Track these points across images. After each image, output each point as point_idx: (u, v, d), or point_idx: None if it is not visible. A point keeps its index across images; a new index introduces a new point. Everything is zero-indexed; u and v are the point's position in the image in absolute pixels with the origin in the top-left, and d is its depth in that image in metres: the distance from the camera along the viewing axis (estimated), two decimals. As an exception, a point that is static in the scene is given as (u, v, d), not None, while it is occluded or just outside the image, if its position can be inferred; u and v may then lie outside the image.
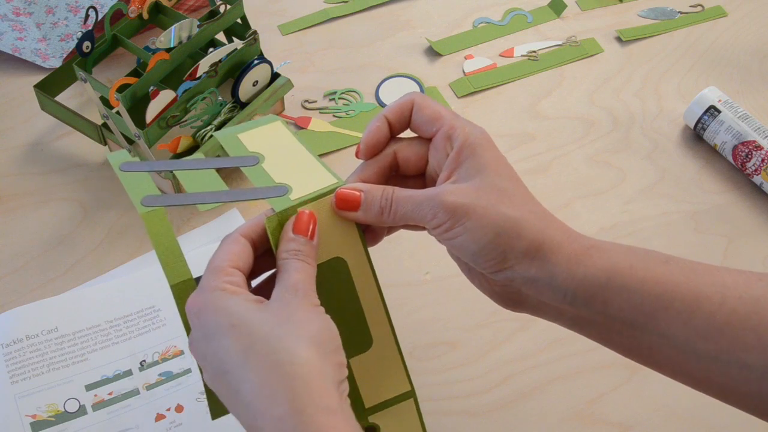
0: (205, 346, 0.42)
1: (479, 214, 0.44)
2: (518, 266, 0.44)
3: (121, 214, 0.74)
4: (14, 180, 0.77)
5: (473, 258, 0.45)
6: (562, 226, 0.46)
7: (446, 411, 0.62)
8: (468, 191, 0.44)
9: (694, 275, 0.43)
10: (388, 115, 0.49)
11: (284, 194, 0.46)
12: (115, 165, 0.47)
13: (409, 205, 0.46)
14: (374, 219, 0.46)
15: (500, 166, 0.46)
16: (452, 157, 0.46)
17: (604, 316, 0.44)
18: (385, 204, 0.46)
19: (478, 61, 0.89)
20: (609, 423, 0.62)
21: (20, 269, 0.71)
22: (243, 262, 0.44)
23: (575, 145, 0.81)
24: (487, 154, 0.46)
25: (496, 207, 0.44)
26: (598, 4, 0.95)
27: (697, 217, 0.75)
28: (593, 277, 0.44)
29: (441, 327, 0.67)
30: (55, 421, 0.60)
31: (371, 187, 0.47)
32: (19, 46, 0.86)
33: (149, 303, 0.67)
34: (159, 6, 0.77)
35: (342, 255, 0.47)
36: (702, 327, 0.42)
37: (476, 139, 0.46)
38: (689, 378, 0.45)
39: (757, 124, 0.76)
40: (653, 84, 0.87)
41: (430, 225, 0.45)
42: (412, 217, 0.46)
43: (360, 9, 0.94)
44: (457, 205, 0.44)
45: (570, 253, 0.44)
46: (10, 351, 0.64)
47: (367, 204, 0.46)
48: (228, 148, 0.50)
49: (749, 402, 0.43)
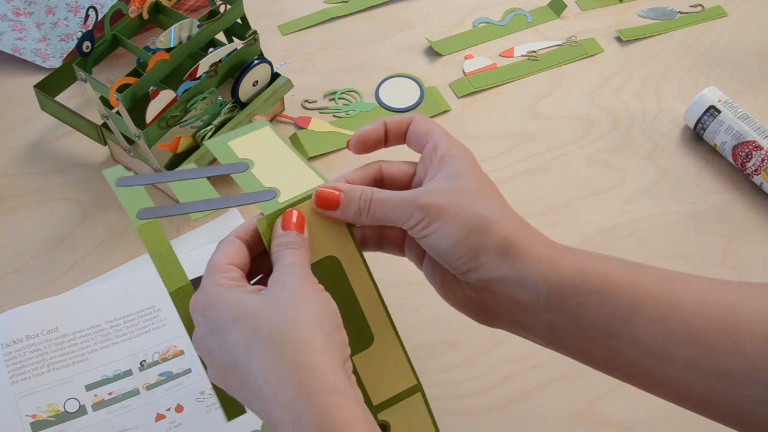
0: (210, 341, 0.43)
1: (452, 213, 0.45)
2: (490, 264, 0.45)
3: (121, 214, 0.74)
4: (14, 180, 0.77)
5: (446, 255, 0.45)
6: (535, 231, 0.46)
7: (446, 411, 0.62)
8: (444, 192, 0.46)
9: (668, 281, 0.43)
10: (388, 121, 0.51)
11: (272, 198, 0.48)
12: (111, 181, 0.49)
13: (387, 206, 0.47)
14: (352, 219, 0.47)
15: (478, 173, 0.47)
16: (434, 165, 0.48)
17: (578, 322, 0.44)
18: (364, 205, 0.47)
19: (478, 61, 0.89)
20: (609, 423, 0.62)
21: (20, 269, 0.71)
22: (239, 260, 0.46)
23: (575, 145, 0.81)
24: (465, 163, 0.47)
25: (469, 206, 0.45)
26: (598, 4, 0.95)
27: (697, 217, 0.75)
28: (567, 278, 0.44)
29: (441, 327, 0.67)
30: (55, 421, 0.60)
31: (351, 187, 0.48)
32: (19, 46, 0.86)
33: (149, 303, 0.67)
34: (159, 6, 0.77)
35: (334, 254, 0.48)
36: (678, 332, 0.42)
37: (458, 152, 0.48)
38: (668, 389, 0.44)
39: (757, 124, 0.76)
40: (653, 84, 0.87)
41: (408, 225, 0.46)
42: (389, 218, 0.47)
43: (360, 9, 0.94)
44: (432, 204, 0.45)
45: (543, 255, 0.44)
46: (10, 351, 0.64)
47: (345, 204, 0.47)
48: (219, 156, 0.52)
49: (729, 413, 0.42)
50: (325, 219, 0.48)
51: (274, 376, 0.40)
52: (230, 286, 0.43)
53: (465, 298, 0.48)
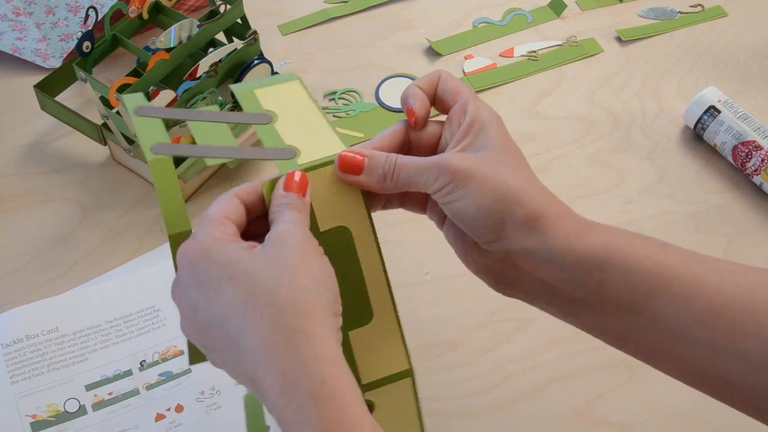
0: (196, 294, 0.41)
1: (480, 180, 0.44)
2: (515, 236, 0.44)
3: (121, 214, 0.74)
4: (14, 180, 0.77)
5: (471, 223, 0.45)
6: (561, 203, 0.46)
7: (446, 411, 0.62)
8: (471, 158, 0.45)
9: (691, 260, 0.43)
10: (421, 84, 0.49)
11: (292, 157, 0.46)
12: (130, 108, 0.46)
13: (412, 169, 0.46)
14: (376, 184, 0.46)
15: (507, 143, 0.47)
16: (462, 129, 0.47)
17: (600, 296, 0.44)
18: (389, 169, 0.46)
19: (478, 61, 0.89)
20: (609, 423, 0.62)
21: (20, 269, 0.71)
22: (236, 218, 0.44)
23: (575, 145, 0.81)
24: (496, 131, 0.46)
25: (498, 175, 0.44)
26: (598, 4, 0.95)
27: (697, 217, 0.75)
28: (593, 252, 0.43)
29: (441, 327, 0.67)
30: (55, 421, 0.60)
31: (375, 152, 0.47)
32: (19, 46, 0.86)
33: (149, 303, 0.67)
34: (159, 6, 0.77)
35: (346, 224, 0.46)
36: (699, 311, 0.42)
37: (487, 116, 0.47)
38: (682, 368, 0.44)
39: (757, 124, 0.76)
40: (653, 84, 0.87)
41: (432, 189, 0.45)
42: (415, 182, 0.46)
43: (360, 9, 0.94)
44: (460, 169, 0.44)
45: (569, 228, 0.44)
46: (10, 351, 0.64)
47: (370, 168, 0.46)
48: (243, 103, 0.50)
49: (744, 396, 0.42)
50: (341, 187, 0.46)
51: (270, 341, 0.39)
52: (226, 240, 0.42)
53: (485, 265, 0.47)
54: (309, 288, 0.40)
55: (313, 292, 0.40)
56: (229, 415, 0.61)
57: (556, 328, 0.48)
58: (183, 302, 0.43)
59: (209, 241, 0.42)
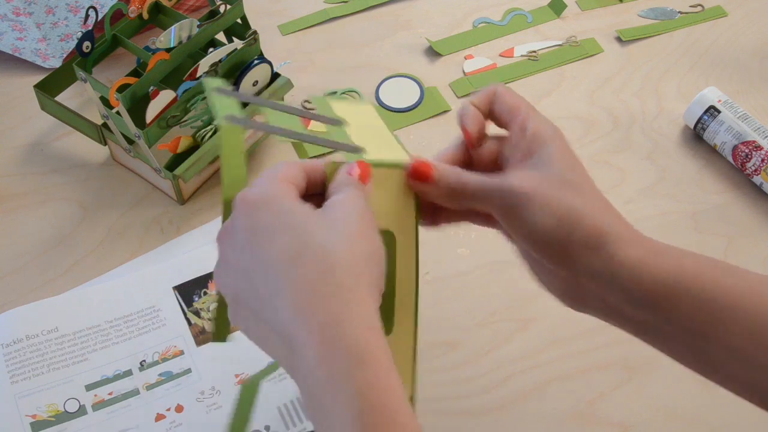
0: (246, 237, 0.40)
1: (541, 201, 0.44)
2: (580, 257, 0.44)
3: (121, 214, 0.74)
4: (14, 180, 0.77)
5: (533, 245, 0.45)
6: (626, 223, 0.45)
7: (446, 411, 0.62)
8: (534, 178, 0.45)
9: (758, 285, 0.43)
10: (475, 101, 0.49)
11: (359, 152, 0.46)
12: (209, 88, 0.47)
13: (477, 185, 0.46)
14: (443, 194, 0.46)
15: (569, 159, 0.46)
16: (523, 147, 0.47)
17: (669, 323, 0.43)
18: (456, 182, 0.46)
19: (478, 61, 0.89)
20: (609, 423, 0.62)
21: (20, 269, 0.71)
22: (298, 182, 0.44)
23: (575, 145, 0.80)
24: (557, 147, 0.46)
25: (559, 196, 0.44)
26: (598, 4, 0.95)
27: (697, 217, 0.75)
28: (659, 281, 0.43)
29: (441, 327, 0.67)
30: (55, 421, 0.60)
31: (444, 165, 0.47)
32: (19, 46, 0.86)
33: (149, 303, 0.67)
34: (159, 6, 0.77)
35: (393, 229, 0.46)
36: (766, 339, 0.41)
37: (547, 132, 0.47)
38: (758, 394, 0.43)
39: (757, 124, 0.76)
40: (653, 84, 0.87)
41: (496, 209, 0.45)
42: (480, 198, 0.46)
43: (360, 9, 0.94)
44: (519, 192, 0.44)
45: (634, 256, 0.43)
46: (10, 351, 0.64)
47: (439, 178, 0.46)
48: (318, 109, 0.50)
49: None
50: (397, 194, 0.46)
51: (315, 295, 0.38)
52: (288, 194, 0.42)
53: (554, 283, 0.47)
54: (363, 255, 0.40)
55: (366, 261, 0.40)
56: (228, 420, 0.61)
57: (556, 328, 0.48)
58: (227, 246, 0.42)
59: (273, 191, 0.41)
